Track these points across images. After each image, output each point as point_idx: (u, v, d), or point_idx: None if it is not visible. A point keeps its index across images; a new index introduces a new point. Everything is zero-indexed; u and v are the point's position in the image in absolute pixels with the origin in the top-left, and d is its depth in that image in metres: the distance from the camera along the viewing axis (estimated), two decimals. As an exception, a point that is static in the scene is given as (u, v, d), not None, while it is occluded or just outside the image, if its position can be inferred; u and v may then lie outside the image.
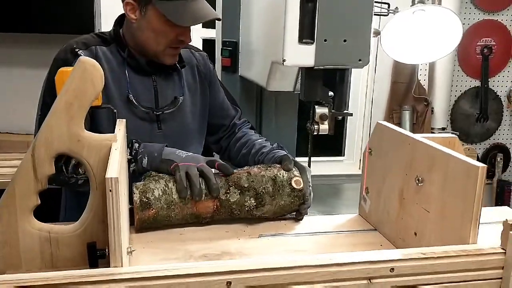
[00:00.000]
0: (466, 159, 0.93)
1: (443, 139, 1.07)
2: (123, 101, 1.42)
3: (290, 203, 1.28)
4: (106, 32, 1.49)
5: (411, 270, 0.86)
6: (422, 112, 2.80)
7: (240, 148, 1.59)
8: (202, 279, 0.78)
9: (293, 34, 1.26)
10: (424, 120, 2.78)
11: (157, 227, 1.23)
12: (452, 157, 0.96)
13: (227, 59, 1.91)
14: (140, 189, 1.20)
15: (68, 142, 0.94)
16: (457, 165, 0.94)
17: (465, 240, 0.91)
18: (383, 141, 1.23)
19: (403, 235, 1.13)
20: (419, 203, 1.07)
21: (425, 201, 1.05)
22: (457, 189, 0.94)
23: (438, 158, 1.00)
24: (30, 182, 0.94)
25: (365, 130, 2.94)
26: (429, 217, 1.03)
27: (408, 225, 1.11)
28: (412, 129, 2.84)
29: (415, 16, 1.70)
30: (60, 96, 0.93)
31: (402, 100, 2.85)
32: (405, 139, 1.12)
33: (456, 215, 0.94)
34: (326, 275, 0.83)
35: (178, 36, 1.40)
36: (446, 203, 0.98)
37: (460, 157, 0.94)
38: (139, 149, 1.29)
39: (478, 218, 0.89)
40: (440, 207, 1.00)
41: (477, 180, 0.88)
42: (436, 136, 1.07)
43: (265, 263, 0.81)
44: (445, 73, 2.78)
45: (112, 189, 0.76)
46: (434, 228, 1.02)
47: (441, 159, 0.99)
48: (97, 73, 0.94)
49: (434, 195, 1.02)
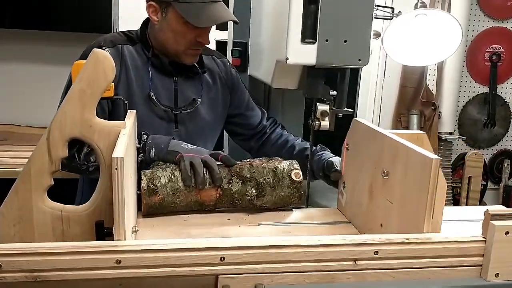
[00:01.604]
0: (423, 152, 0.97)
1: (410, 135, 1.11)
2: (144, 99, 1.50)
3: (290, 195, 1.35)
4: (133, 31, 1.58)
5: (395, 254, 0.91)
6: (430, 116, 2.84)
7: (279, 150, 1.67)
8: (197, 254, 0.85)
9: (296, 34, 1.33)
10: (432, 124, 2.82)
11: (163, 213, 1.30)
12: (411, 150, 1.00)
13: (237, 59, 1.98)
14: (148, 176, 1.27)
15: (80, 127, 1.02)
16: (415, 157, 0.99)
17: (420, 230, 0.95)
18: (358, 137, 1.29)
19: (371, 227, 1.19)
20: (385, 195, 1.12)
21: (389, 193, 1.10)
22: (415, 180, 0.99)
23: (400, 151, 1.05)
24: (44, 163, 1.02)
25: (373, 133, 2.98)
26: (392, 208, 1.09)
27: (375, 217, 1.17)
28: (420, 133, 2.88)
29: (416, 19, 1.75)
30: (74, 84, 1.01)
31: (410, 104, 2.88)
32: (375, 135, 1.17)
33: (413, 206, 0.99)
34: (314, 255, 0.89)
35: (197, 38, 1.48)
36: (406, 194, 1.03)
37: (418, 149, 0.98)
38: (147, 140, 1.37)
39: (432, 208, 0.93)
40: (401, 199, 1.05)
41: (430, 171, 0.92)
42: (404, 132, 1.11)
43: (257, 241, 0.88)
44: (453, 79, 2.82)
45: (117, 167, 0.83)
46: (396, 219, 1.07)
47: (403, 152, 1.04)
48: (108, 63, 1.01)
49: (396, 187, 1.07)
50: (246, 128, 1.75)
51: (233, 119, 1.74)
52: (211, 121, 1.65)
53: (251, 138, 1.75)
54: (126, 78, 1.50)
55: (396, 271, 0.92)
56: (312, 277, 0.90)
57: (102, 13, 2.39)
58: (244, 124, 1.74)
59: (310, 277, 0.90)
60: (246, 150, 1.83)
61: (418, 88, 2.85)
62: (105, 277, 0.82)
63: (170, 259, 0.84)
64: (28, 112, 2.68)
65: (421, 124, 2.87)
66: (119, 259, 0.82)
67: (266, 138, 1.73)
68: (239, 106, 1.72)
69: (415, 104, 2.87)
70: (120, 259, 0.82)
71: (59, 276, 0.80)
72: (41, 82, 2.64)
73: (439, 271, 0.94)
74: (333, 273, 0.90)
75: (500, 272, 0.94)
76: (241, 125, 1.75)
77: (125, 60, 1.51)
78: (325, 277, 0.90)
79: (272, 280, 0.88)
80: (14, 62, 2.64)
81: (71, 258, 0.80)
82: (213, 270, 0.86)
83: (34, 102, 2.65)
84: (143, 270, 0.83)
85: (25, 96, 2.67)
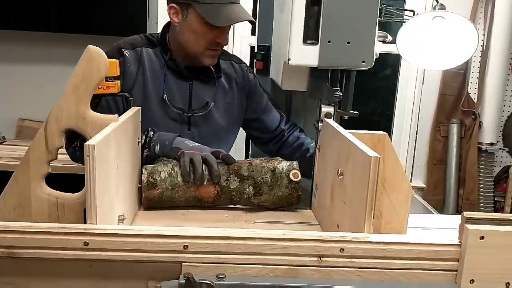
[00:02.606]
0: (365, 150, 0.94)
1: (371, 135, 1.08)
2: (158, 101, 1.57)
3: (288, 195, 1.35)
4: (155, 35, 1.65)
5: (362, 252, 0.90)
6: (470, 126, 2.73)
7: (294, 152, 1.70)
8: (162, 240, 0.88)
9: (298, 35, 1.34)
10: (471, 134, 2.71)
11: (163, 207, 1.35)
12: (358, 149, 0.98)
13: (260, 62, 2.01)
14: (149, 170, 1.33)
15: (75, 119, 1.08)
16: (359, 156, 0.97)
17: (361, 230, 0.93)
18: (326, 138, 1.28)
19: (330, 228, 1.17)
20: (340, 195, 1.10)
21: (343, 194, 1.08)
22: (359, 179, 0.97)
23: (351, 150, 1.03)
24: (42, 152, 1.09)
25: (410, 142, 2.91)
26: (345, 209, 1.07)
27: (333, 218, 1.15)
28: (460, 143, 2.78)
29: (433, 22, 1.71)
30: (70, 79, 1.08)
31: (450, 113, 2.79)
32: (336, 136, 1.16)
33: (356, 205, 0.98)
34: (278, 249, 0.89)
35: (216, 38, 1.53)
36: (353, 194, 1.01)
37: (361, 148, 0.96)
38: (153, 136, 1.43)
39: (372, 207, 0.90)
40: (351, 198, 1.03)
41: (370, 170, 0.90)
42: (366, 132, 1.09)
43: (221, 232, 0.90)
44: (497, 87, 2.69)
45: (89, 154, 0.88)
46: (347, 218, 1.05)
47: (353, 151, 1.02)
48: (101, 60, 1.08)
49: (348, 187, 1.05)
50: (263, 132, 1.77)
51: (250, 124, 1.77)
52: (226, 125, 1.69)
53: (269, 141, 1.78)
54: (143, 80, 1.57)
55: (363, 270, 0.91)
56: (276, 271, 0.90)
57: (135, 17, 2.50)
58: (262, 128, 1.77)
59: (274, 270, 0.90)
60: (265, 153, 1.86)
61: (458, 96, 2.76)
62: (74, 257, 0.87)
63: (136, 244, 0.88)
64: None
65: (461, 134, 2.77)
66: (87, 241, 0.87)
67: (284, 142, 1.75)
68: (256, 110, 1.75)
69: (455, 113, 2.78)
70: (88, 241, 0.87)
71: (32, 254, 0.86)
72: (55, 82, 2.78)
73: (411, 273, 0.91)
74: (297, 268, 0.90)
75: (476, 278, 0.90)
76: (259, 129, 1.78)
77: (143, 62, 1.58)
78: (289, 271, 0.90)
79: (235, 271, 0.90)
80: (33, 63, 2.81)
81: (42, 238, 0.86)
82: (178, 258, 0.89)
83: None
84: (110, 253, 0.87)
85: (50, 95, 2.82)
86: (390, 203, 1.02)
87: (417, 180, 2.93)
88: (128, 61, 1.56)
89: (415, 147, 2.91)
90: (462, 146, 2.78)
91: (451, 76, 2.70)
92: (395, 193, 1.03)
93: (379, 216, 1.04)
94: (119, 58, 1.55)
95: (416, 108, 2.85)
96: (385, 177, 1.02)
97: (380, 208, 1.04)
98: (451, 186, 2.78)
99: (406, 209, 1.00)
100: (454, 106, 2.77)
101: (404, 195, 0.93)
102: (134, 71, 1.56)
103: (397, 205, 0.89)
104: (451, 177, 2.78)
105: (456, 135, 2.76)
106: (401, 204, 0.90)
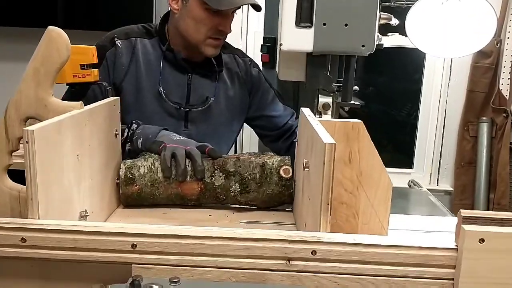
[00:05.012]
0: (323, 137, 0.81)
1: (344, 123, 0.93)
2: (153, 94, 1.48)
3: (278, 193, 1.23)
4: (153, 25, 1.57)
5: (337, 255, 0.77)
6: (502, 125, 2.53)
7: None
8: (107, 238, 0.78)
9: (291, 17, 1.22)
10: (503, 134, 2.51)
11: (143, 205, 1.25)
12: (317, 136, 0.84)
13: (265, 55, 1.91)
14: (127, 165, 1.23)
15: (35, 106, 1.00)
16: (318, 144, 0.83)
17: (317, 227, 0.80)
18: (301, 129, 1.15)
19: (299, 227, 1.06)
20: (307, 191, 0.97)
21: (308, 188, 0.95)
22: (317, 170, 0.84)
23: (314, 140, 0.90)
24: (2, 142, 1.01)
25: (437, 142, 2.72)
26: (309, 205, 0.94)
27: (302, 216, 1.03)
28: (490, 143, 2.58)
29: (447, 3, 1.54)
30: (29, 63, 0.99)
31: (479, 111, 2.60)
32: (306, 125, 1.02)
33: (316, 201, 0.84)
34: (239, 250, 0.78)
35: (218, 25, 1.43)
36: (314, 187, 0.88)
37: (321, 134, 0.83)
38: (136, 129, 1.33)
39: (328, 202, 0.77)
40: (313, 193, 0.90)
41: (324, 158, 0.77)
42: (338, 120, 0.94)
43: (173, 230, 0.79)
44: (531, 82, 2.49)
45: (28, 140, 0.79)
46: (311, 217, 0.91)
47: (315, 140, 0.88)
48: (62, 41, 0.99)
49: (312, 181, 0.92)
50: (271, 129, 1.67)
51: (256, 121, 1.67)
52: (226, 121, 1.58)
53: (278, 139, 1.67)
54: (136, 72, 1.48)
55: (340, 277, 0.78)
56: (240, 275, 0.78)
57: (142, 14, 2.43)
58: (269, 125, 1.66)
59: (237, 275, 0.78)
60: (275, 152, 1.74)
61: (489, 93, 2.56)
62: (12, 255, 0.78)
63: (77, 241, 0.78)
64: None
65: (492, 134, 2.57)
66: (24, 238, 0.78)
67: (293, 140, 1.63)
68: (261, 107, 1.64)
69: (485, 111, 2.59)
70: (26, 237, 0.78)
71: (-33, 250, 0.78)
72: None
73: (398, 282, 0.78)
74: (263, 272, 0.78)
75: (475, 288, 0.76)
76: (266, 126, 1.67)
77: (136, 53, 1.49)
78: (254, 276, 0.78)
79: (192, 275, 0.78)
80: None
81: (-23, 233, 0.77)
82: (126, 258, 0.78)
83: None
84: (50, 251, 0.78)
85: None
86: (367, 200, 0.88)
87: (444, 183, 2.75)
88: (120, 51, 1.48)
89: (441, 148, 2.73)
90: (492, 147, 2.59)
91: (480, 71, 2.52)
92: (372, 188, 0.89)
93: (355, 215, 0.90)
94: (110, 48, 1.48)
95: (442, 106, 2.67)
96: (360, 170, 0.88)
97: (355, 206, 0.90)
98: (481, 190, 2.58)
99: (387, 207, 0.86)
100: (484, 103, 2.58)
101: (383, 191, 0.79)
102: (126, 62, 1.48)
103: (376, 203, 0.75)
104: (480, 180, 2.59)
105: (486, 134, 2.57)
106: (380, 202, 0.77)
